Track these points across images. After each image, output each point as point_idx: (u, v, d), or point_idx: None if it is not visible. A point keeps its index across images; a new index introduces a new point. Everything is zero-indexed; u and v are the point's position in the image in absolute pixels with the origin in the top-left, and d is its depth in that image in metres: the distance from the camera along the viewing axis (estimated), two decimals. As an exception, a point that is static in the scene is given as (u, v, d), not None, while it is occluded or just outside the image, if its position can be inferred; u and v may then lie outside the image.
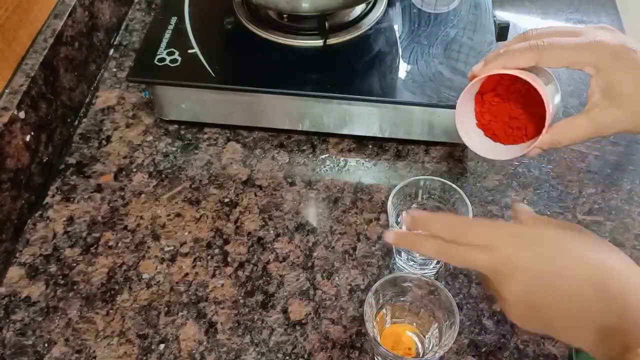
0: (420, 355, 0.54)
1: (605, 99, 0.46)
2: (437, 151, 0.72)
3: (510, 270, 0.41)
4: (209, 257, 0.63)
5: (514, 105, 0.51)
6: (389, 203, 0.57)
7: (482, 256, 0.41)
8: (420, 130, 0.70)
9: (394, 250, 0.62)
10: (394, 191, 0.58)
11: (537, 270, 0.40)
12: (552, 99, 0.48)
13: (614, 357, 0.38)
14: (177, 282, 0.61)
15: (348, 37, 0.73)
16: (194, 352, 0.56)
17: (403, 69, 0.69)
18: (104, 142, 0.72)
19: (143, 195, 0.68)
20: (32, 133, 0.65)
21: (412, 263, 0.61)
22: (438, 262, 0.60)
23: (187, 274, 0.61)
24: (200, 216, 0.66)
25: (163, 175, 0.69)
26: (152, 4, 0.89)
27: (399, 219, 0.60)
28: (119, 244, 0.63)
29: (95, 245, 0.63)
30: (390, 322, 0.56)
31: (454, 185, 0.58)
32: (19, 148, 0.63)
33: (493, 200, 0.67)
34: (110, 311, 0.59)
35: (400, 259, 0.62)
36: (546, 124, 0.47)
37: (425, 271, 0.61)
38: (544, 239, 0.42)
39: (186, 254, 0.63)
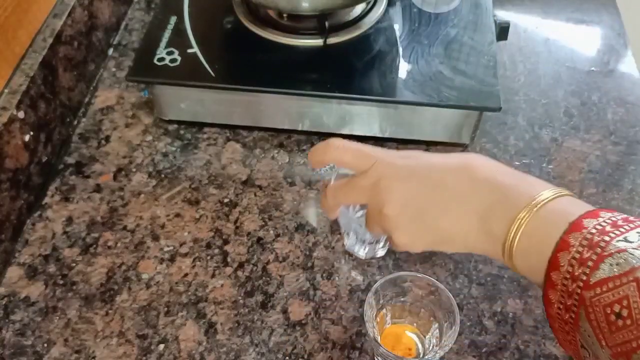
0: (421, 356, 0.54)
1: None
2: (437, 151, 0.71)
3: (387, 189, 0.46)
4: (208, 257, 0.62)
5: None
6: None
7: (363, 182, 0.47)
8: (420, 130, 0.70)
9: (344, 233, 0.63)
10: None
11: (409, 180, 0.45)
12: None
13: (499, 236, 0.41)
14: (176, 283, 0.61)
15: (348, 36, 0.73)
16: (193, 352, 0.56)
17: (403, 68, 0.69)
18: (103, 142, 0.72)
19: (142, 195, 0.67)
20: (31, 133, 0.65)
21: (361, 244, 0.61)
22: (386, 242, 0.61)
23: (186, 274, 0.61)
24: (200, 216, 0.66)
25: (162, 175, 0.69)
26: (151, 4, 0.89)
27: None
28: (118, 244, 0.63)
29: (95, 246, 0.63)
30: (390, 322, 0.56)
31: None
32: (18, 148, 0.63)
33: (493, 200, 0.67)
34: (110, 311, 0.59)
35: (349, 239, 0.62)
36: None
37: (377, 252, 0.61)
38: (407, 157, 0.47)
39: (186, 254, 0.63)
